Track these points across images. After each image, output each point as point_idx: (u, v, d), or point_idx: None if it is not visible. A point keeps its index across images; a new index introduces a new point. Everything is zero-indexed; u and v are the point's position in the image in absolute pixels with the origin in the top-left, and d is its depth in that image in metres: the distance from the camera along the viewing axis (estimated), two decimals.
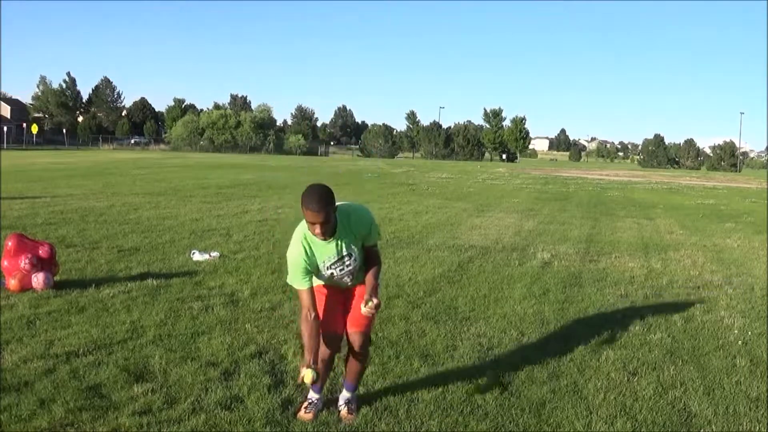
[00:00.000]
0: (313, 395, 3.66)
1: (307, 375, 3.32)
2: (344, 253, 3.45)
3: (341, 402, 3.70)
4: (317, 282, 3.55)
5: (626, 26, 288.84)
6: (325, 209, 3.23)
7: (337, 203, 3.33)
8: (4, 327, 4.86)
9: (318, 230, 3.28)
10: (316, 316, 3.42)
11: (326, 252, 3.43)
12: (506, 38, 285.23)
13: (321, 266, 3.46)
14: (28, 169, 25.42)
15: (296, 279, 3.43)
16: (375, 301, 3.41)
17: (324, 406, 3.66)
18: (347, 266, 3.49)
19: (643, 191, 26.93)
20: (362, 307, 3.43)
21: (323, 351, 3.57)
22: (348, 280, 3.56)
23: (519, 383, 4.19)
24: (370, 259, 3.58)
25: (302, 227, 3.43)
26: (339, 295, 3.63)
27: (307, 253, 3.40)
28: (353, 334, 3.62)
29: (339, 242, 3.42)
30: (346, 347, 3.73)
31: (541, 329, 5.45)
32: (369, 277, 3.53)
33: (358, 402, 3.74)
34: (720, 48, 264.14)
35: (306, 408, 3.60)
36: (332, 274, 3.50)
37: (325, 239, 3.35)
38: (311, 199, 3.22)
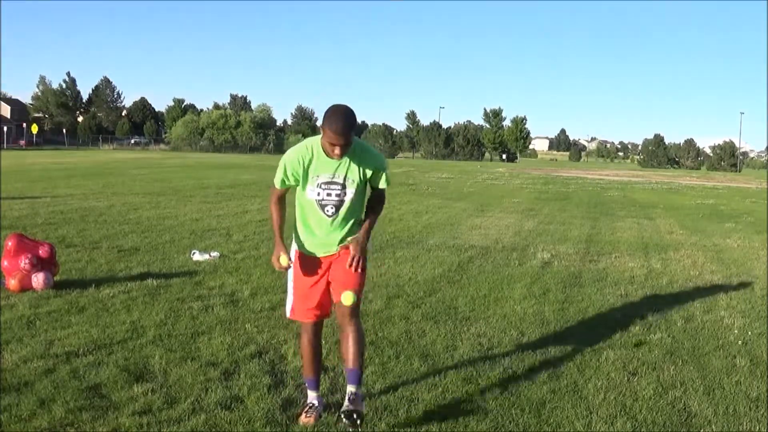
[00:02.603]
0: (312, 396, 3.63)
1: (283, 259, 3.43)
2: (341, 178, 3.37)
3: (346, 401, 3.63)
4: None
5: (626, 26, 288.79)
6: (350, 131, 3.20)
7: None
8: (4, 327, 4.86)
9: (338, 151, 3.24)
10: (284, 200, 3.54)
11: (325, 168, 3.36)
12: (506, 38, 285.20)
13: (312, 180, 3.37)
14: (28, 169, 25.43)
15: (279, 179, 3.43)
16: (356, 239, 3.39)
17: (325, 409, 3.62)
18: (336, 195, 3.38)
19: (643, 191, 26.93)
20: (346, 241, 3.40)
21: (308, 338, 3.54)
22: (329, 211, 3.40)
23: (519, 383, 4.19)
24: (375, 199, 3.53)
25: (311, 139, 3.40)
26: (319, 272, 3.50)
27: (305, 161, 3.34)
28: (342, 307, 3.40)
29: (342, 165, 3.36)
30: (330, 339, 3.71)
31: (541, 329, 5.45)
32: (367, 222, 3.48)
33: (367, 397, 3.69)
34: (720, 48, 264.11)
35: (307, 412, 3.56)
36: (318, 194, 3.38)
37: (340, 159, 3.31)
38: (338, 119, 3.17)
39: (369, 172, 3.43)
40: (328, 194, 3.39)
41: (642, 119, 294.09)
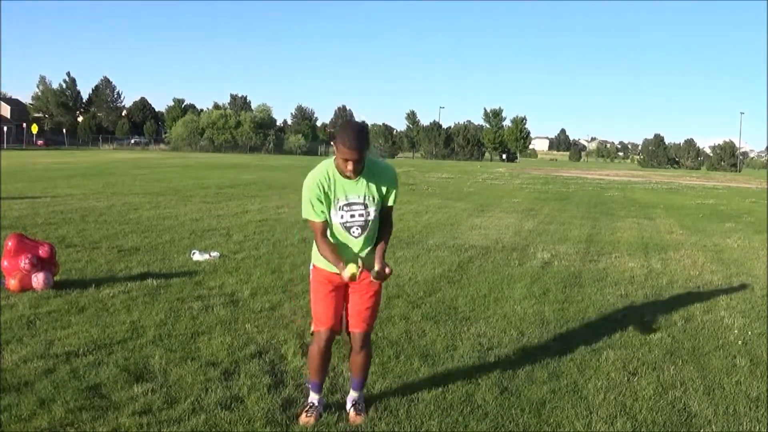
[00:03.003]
0: (313, 397, 3.65)
1: (352, 267, 3.31)
2: (361, 197, 3.38)
3: (349, 404, 3.67)
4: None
5: (626, 26, 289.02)
6: (363, 147, 3.21)
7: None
8: (4, 327, 4.86)
9: (350, 167, 3.24)
10: (328, 238, 3.43)
11: (344, 189, 3.36)
12: (506, 38, 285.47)
13: (334, 204, 3.37)
14: (27, 169, 25.44)
15: (310, 210, 3.38)
16: (378, 267, 3.36)
17: (324, 409, 3.64)
18: (359, 215, 3.40)
19: (643, 191, 26.93)
20: (371, 275, 3.38)
21: (318, 348, 3.54)
22: (356, 232, 3.43)
23: (519, 383, 4.19)
24: (384, 221, 3.55)
25: (326, 163, 3.40)
26: (338, 293, 3.56)
27: (324, 185, 3.34)
28: (356, 334, 3.59)
29: (361, 184, 3.37)
30: (339, 348, 3.72)
31: (541, 329, 5.45)
32: (381, 245, 3.49)
33: (368, 399, 3.72)
34: (720, 48, 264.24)
35: (307, 412, 3.58)
36: (342, 217, 3.39)
37: (353, 178, 3.32)
38: (351, 136, 3.18)
39: (384, 189, 3.45)
40: (352, 216, 3.41)
41: (642, 119, 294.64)
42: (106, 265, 7.23)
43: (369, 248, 3.50)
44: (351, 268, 3.31)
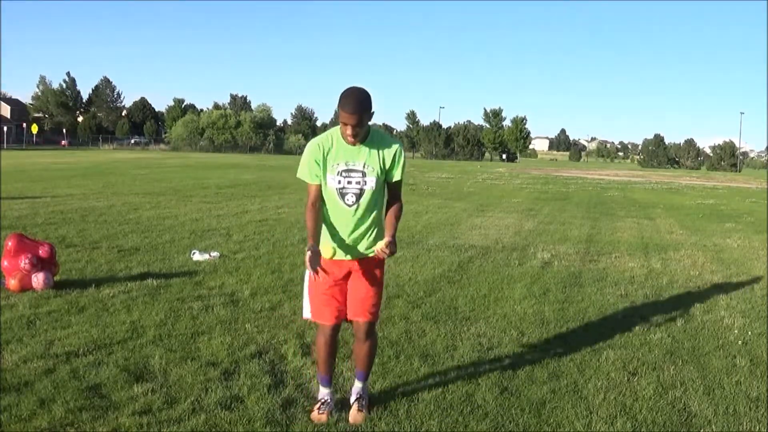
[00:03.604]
0: (323, 392, 3.63)
1: (326, 250, 3.36)
2: (361, 165, 3.36)
3: (353, 397, 3.65)
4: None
5: (626, 26, 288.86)
6: (361, 112, 3.20)
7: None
8: (4, 327, 4.86)
9: (350, 131, 3.25)
10: (320, 206, 3.43)
11: (345, 155, 3.36)
12: (506, 38, 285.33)
13: (332, 168, 3.36)
14: (28, 169, 25.43)
15: (305, 171, 3.41)
16: (387, 240, 3.32)
17: (334, 406, 3.63)
18: (356, 183, 3.37)
19: (643, 191, 26.93)
20: (376, 249, 3.36)
21: (324, 339, 3.53)
22: (350, 200, 3.39)
23: (519, 383, 4.18)
24: (393, 198, 3.54)
25: (332, 129, 3.43)
26: (339, 281, 3.50)
27: (324, 148, 3.35)
28: (359, 323, 3.54)
29: (362, 152, 3.36)
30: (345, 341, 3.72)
31: (541, 329, 5.45)
32: (390, 216, 3.48)
33: (369, 398, 3.71)
34: (720, 48, 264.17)
35: (319, 409, 3.56)
36: (339, 182, 3.37)
37: (354, 144, 3.33)
38: (348, 100, 3.20)
39: (388, 159, 3.42)
40: (349, 182, 3.38)
41: (642, 119, 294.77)
42: (106, 265, 7.23)
43: (362, 226, 3.43)
44: (328, 250, 3.37)
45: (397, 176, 3.47)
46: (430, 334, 5.14)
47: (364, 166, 3.38)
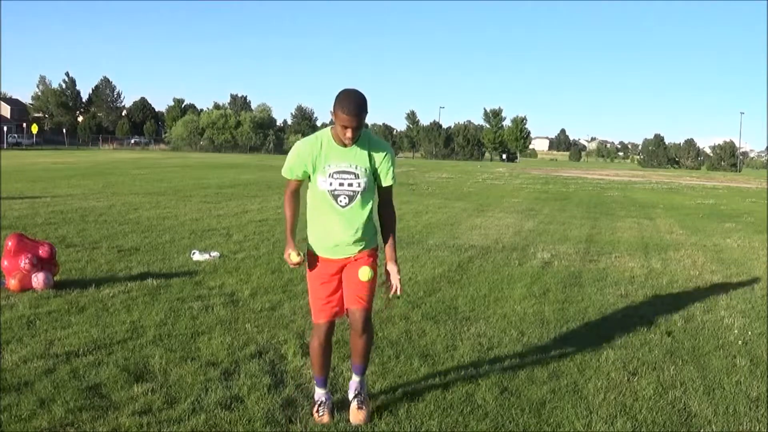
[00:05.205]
0: (319, 393, 3.62)
1: (293, 255, 3.37)
2: (353, 166, 3.34)
3: (351, 393, 3.64)
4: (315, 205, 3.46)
5: (626, 26, 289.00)
6: (361, 114, 3.20)
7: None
8: (4, 327, 4.86)
9: (349, 134, 3.23)
10: (298, 195, 3.47)
11: (337, 156, 3.34)
12: (506, 38, 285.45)
13: (324, 170, 3.34)
14: (28, 169, 25.42)
15: (287, 168, 3.42)
16: (395, 269, 3.53)
17: (333, 404, 3.62)
18: (349, 184, 3.35)
19: (643, 191, 26.93)
20: (392, 285, 3.48)
21: (319, 342, 3.52)
22: (342, 201, 3.37)
23: (519, 383, 4.18)
24: (385, 206, 3.53)
25: (323, 130, 3.41)
26: (333, 276, 3.49)
27: (314, 148, 3.34)
28: (354, 312, 3.49)
29: (353, 153, 3.35)
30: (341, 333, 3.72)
31: (541, 329, 5.45)
32: (387, 234, 3.53)
33: (367, 394, 3.70)
34: (720, 47, 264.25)
35: (318, 411, 3.55)
36: (330, 184, 3.34)
37: (350, 146, 3.32)
38: (350, 102, 3.17)
39: (378, 161, 3.41)
40: (341, 183, 3.36)
41: (642, 119, 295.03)
42: (106, 265, 7.23)
43: (354, 225, 3.41)
44: (293, 257, 3.37)
45: (387, 180, 3.47)
46: (430, 334, 5.14)
47: (356, 168, 3.37)
